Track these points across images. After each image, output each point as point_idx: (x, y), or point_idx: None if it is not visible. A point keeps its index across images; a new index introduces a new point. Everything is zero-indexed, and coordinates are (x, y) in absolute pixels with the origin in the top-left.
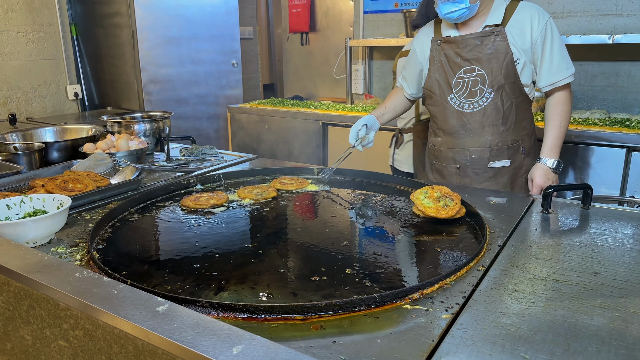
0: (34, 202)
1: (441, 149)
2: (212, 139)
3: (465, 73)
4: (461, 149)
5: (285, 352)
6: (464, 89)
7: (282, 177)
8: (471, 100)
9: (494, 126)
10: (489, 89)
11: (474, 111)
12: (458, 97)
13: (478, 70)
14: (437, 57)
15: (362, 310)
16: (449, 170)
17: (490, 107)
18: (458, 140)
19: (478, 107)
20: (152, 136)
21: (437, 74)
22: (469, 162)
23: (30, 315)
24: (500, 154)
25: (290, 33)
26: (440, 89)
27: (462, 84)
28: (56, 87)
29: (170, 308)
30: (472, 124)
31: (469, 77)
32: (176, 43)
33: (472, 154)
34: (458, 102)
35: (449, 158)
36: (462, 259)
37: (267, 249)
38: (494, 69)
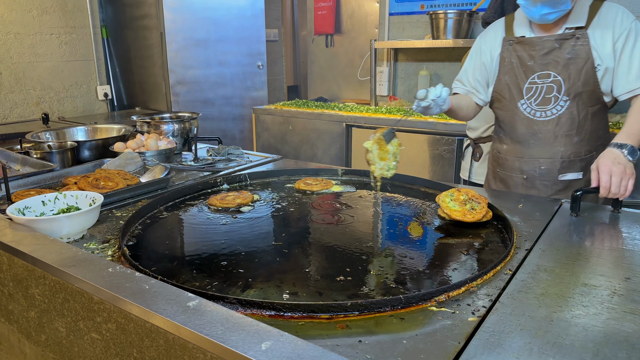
0: (68, 199)
1: (507, 157)
2: (237, 139)
3: (539, 78)
4: (529, 158)
5: (312, 349)
6: (537, 95)
7: (307, 177)
8: (544, 107)
9: (567, 137)
10: (565, 97)
11: (547, 120)
12: (529, 103)
13: (554, 76)
14: (508, 58)
15: (387, 311)
16: (515, 180)
17: (565, 117)
18: (527, 149)
19: (551, 116)
20: (180, 136)
21: (507, 77)
22: (538, 173)
23: (64, 308)
24: (572, 165)
25: (315, 35)
26: (510, 93)
27: (535, 89)
28: (87, 87)
29: (200, 303)
30: (543, 134)
31: (543, 83)
32: (203, 45)
33: (541, 164)
34: (529, 109)
35: (516, 168)
36: (488, 262)
37: (292, 248)
38: (572, 75)
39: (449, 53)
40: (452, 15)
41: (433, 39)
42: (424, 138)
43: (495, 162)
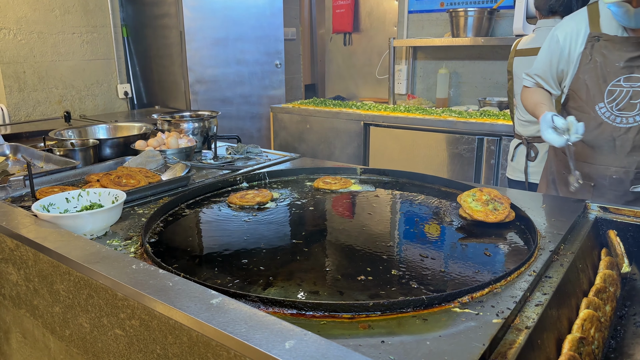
0: (91, 196)
1: (576, 161)
2: (255, 138)
3: (625, 82)
4: (601, 165)
5: (336, 349)
6: (620, 100)
7: (326, 176)
8: (626, 114)
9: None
10: None
11: (627, 127)
12: (610, 107)
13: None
14: (592, 56)
15: (410, 311)
16: (582, 186)
17: None
18: (599, 155)
19: (633, 123)
20: (200, 135)
21: (587, 76)
22: (608, 182)
23: (88, 304)
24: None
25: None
26: (587, 94)
27: (619, 93)
28: (107, 86)
29: (224, 301)
30: (621, 141)
31: (629, 87)
32: (222, 44)
33: (613, 174)
34: (608, 113)
35: (584, 173)
36: (512, 264)
37: (313, 247)
38: None
39: (468, 51)
40: (473, 13)
41: (453, 37)
42: (443, 137)
43: (562, 164)
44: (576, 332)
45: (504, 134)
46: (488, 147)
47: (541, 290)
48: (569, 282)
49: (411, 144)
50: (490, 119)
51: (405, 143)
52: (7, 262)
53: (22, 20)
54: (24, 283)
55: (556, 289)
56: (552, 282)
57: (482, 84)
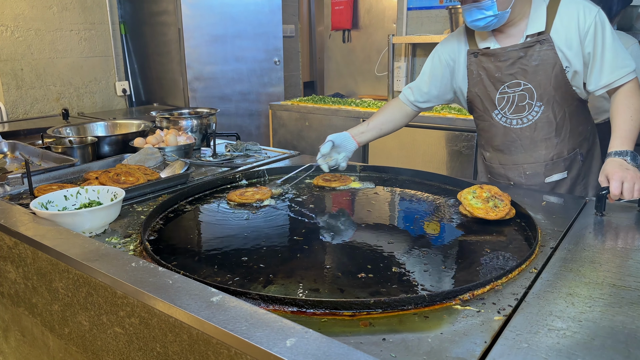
0: (90, 194)
1: (492, 164)
2: (254, 135)
3: (509, 88)
4: (513, 165)
5: (338, 346)
6: (510, 105)
7: (325, 174)
8: (519, 115)
9: (547, 140)
10: (538, 103)
11: (524, 126)
12: (504, 113)
13: (524, 85)
14: (476, 70)
15: (411, 309)
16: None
17: (542, 121)
18: (509, 156)
19: (528, 122)
20: (198, 132)
21: (477, 88)
22: (524, 179)
23: (88, 302)
24: (557, 167)
25: (332, 30)
26: (482, 104)
27: (507, 99)
28: (105, 83)
29: (224, 299)
30: (522, 140)
31: (514, 92)
32: (221, 41)
33: (525, 170)
34: (504, 118)
35: (502, 175)
36: (513, 261)
37: (313, 245)
38: (542, 81)
39: None
40: None
41: None
42: (442, 134)
43: (486, 168)
44: None
45: None
46: None
47: None
48: None
49: (410, 141)
50: None
51: (405, 140)
52: (6, 260)
53: (19, 17)
54: (22, 281)
55: None
56: None
57: None
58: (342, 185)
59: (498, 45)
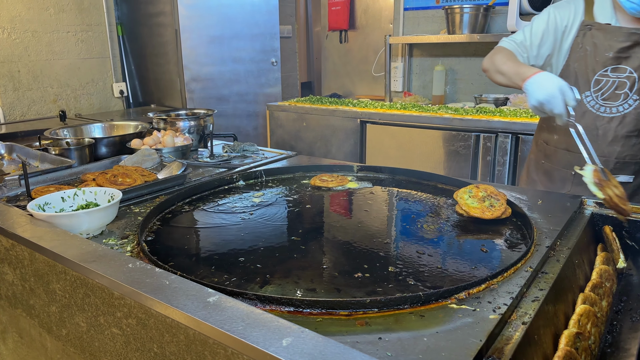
0: (87, 195)
1: (557, 148)
2: (251, 136)
3: (612, 72)
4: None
5: (334, 346)
6: (606, 89)
7: (322, 174)
8: (611, 103)
9: (627, 137)
10: (635, 96)
11: (610, 116)
12: (596, 97)
13: (630, 72)
14: (583, 44)
15: (407, 308)
16: (562, 174)
17: (631, 116)
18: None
19: (616, 113)
20: (196, 133)
21: (577, 64)
22: None
23: (85, 303)
24: (626, 167)
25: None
26: (576, 82)
27: (605, 83)
28: (103, 84)
29: (220, 299)
30: (603, 130)
31: (616, 77)
32: (218, 42)
33: None
34: (594, 102)
35: (564, 161)
36: (508, 260)
37: (310, 245)
38: None
39: (464, 48)
40: (468, 10)
41: (448, 33)
42: (439, 134)
43: (541, 152)
44: (573, 328)
45: (500, 130)
46: (484, 144)
47: (537, 286)
48: (565, 278)
49: (408, 141)
50: (487, 116)
51: (402, 140)
52: (3, 261)
53: (16, 19)
54: (19, 283)
55: (552, 284)
56: (548, 278)
57: (478, 81)
58: (340, 185)
59: (619, 24)
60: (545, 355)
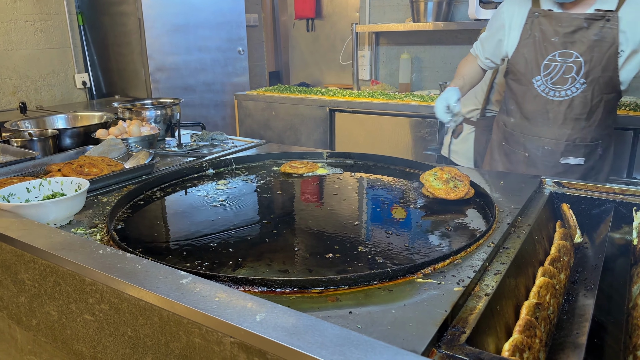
0: (53, 186)
1: (513, 131)
2: (220, 126)
3: (560, 57)
4: (535, 137)
5: (306, 319)
6: (554, 74)
7: (292, 161)
8: (559, 87)
9: (576, 120)
10: (582, 80)
11: (559, 100)
12: (545, 81)
13: (576, 57)
14: (532, 31)
15: (376, 284)
16: (517, 156)
17: (578, 99)
18: (534, 127)
19: (565, 97)
20: (162, 122)
21: (526, 50)
22: (540, 153)
23: (55, 291)
24: (576, 150)
25: (296, 19)
26: (526, 67)
27: (553, 67)
28: (64, 75)
29: (194, 280)
30: (553, 113)
31: (564, 62)
32: (183, 30)
33: (545, 145)
34: (544, 86)
35: (520, 143)
36: (472, 237)
37: (281, 229)
38: (594, 58)
39: (429, 36)
40: None
41: (414, 22)
42: (406, 121)
43: (501, 134)
44: (533, 299)
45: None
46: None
47: (499, 260)
48: (525, 253)
49: (376, 128)
50: None
51: (370, 128)
52: None
53: None
54: None
55: (514, 258)
56: (509, 253)
57: (442, 69)
58: (310, 171)
59: (561, 10)
60: (507, 325)
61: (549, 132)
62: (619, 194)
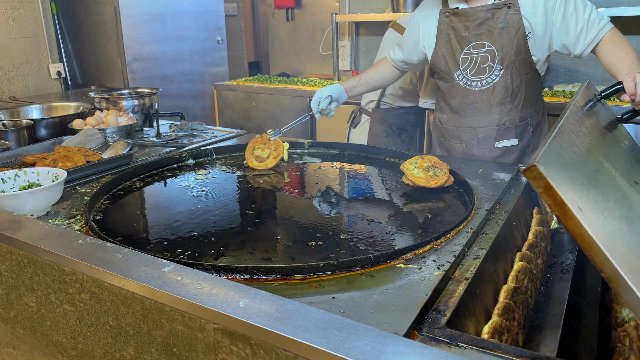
0: (29, 176)
1: (447, 126)
2: (199, 117)
3: (474, 49)
4: (467, 127)
5: (289, 304)
6: (472, 66)
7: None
8: (479, 77)
9: (501, 105)
10: (499, 66)
11: (482, 89)
12: (465, 74)
13: (488, 46)
14: (445, 30)
15: (358, 270)
16: (456, 149)
17: (499, 85)
18: (464, 118)
19: (486, 85)
20: (140, 112)
21: (444, 49)
22: (476, 142)
23: (34, 282)
24: (508, 133)
25: (276, 9)
26: (446, 65)
27: (470, 60)
28: (38, 65)
29: (176, 268)
30: (479, 103)
31: (478, 53)
32: (160, 20)
33: (478, 133)
34: (465, 79)
35: (455, 136)
36: (451, 223)
37: (263, 218)
38: (504, 44)
39: None
40: None
41: (393, 12)
42: None
43: (438, 131)
44: (511, 283)
45: None
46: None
47: (478, 246)
48: (503, 238)
49: None
50: None
51: None
52: None
53: None
54: None
55: (492, 244)
56: (488, 238)
57: None
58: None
59: (466, 6)
60: (486, 308)
61: (479, 120)
62: None
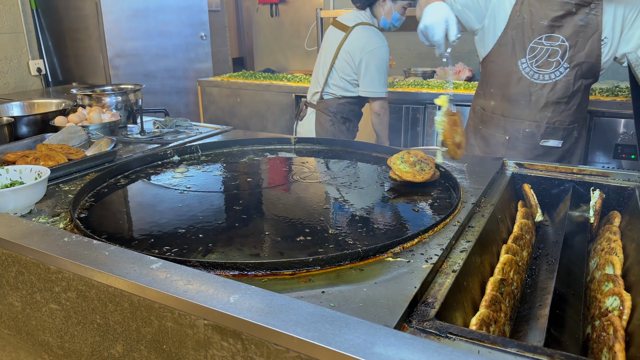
0: (11, 174)
1: (493, 114)
2: (183, 113)
3: (546, 40)
4: (515, 119)
5: (280, 298)
6: (540, 57)
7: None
8: (544, 70)
9: (557, 104)
10: (566, 64)
11: (544, 83)
12: (530, 64)
13: (562, 41)
14: (521, 12)
15: (347, 264)
16: (497, 139)
17: (561, 83)
18: (515, 109)
19: (548, 80)
20: (124, 109)
21: (515, 32)
22: (521, 136)
23: (19, 281)
24: (555, 133)
25: (260, 4)
26: (512, 49)
27: (540, 50)
28: (17, 62)
29: (164, 265)
30: (536, 96)
31: (549, 46)
32: (143, 15)
33: (526, 127)
34: (528, 69)
35: (500, 126)
36: (438, 216)
37: (251, 214)
38: (578, 43)
39: None
40: None
41: None
42: None
43: (478, 118)
44: (497, 275)
45: (428, 102)
46: (414, 115)
47: (465, 239)
48: (489, 231)
49: None
50: (415, 89)
51: None
52: None
53: None
54: None
55: (478, 237)
56: (474, 231)
57: (407, 55)
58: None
59: None
60: (474, 300)
61: (530, 114)
62: (577, 174)
